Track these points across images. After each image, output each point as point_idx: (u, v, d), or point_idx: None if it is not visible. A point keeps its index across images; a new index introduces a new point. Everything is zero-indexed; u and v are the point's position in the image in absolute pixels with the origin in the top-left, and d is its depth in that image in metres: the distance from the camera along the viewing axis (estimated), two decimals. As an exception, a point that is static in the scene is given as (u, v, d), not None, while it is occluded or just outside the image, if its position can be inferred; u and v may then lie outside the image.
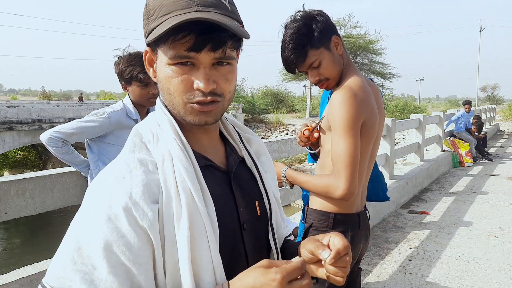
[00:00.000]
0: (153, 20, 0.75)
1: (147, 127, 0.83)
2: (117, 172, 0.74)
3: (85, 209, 0.72)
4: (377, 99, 1.57)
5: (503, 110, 28.73)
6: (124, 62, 2.18)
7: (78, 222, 0.72)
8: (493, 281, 3.45)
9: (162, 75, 0.77)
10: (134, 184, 0.72)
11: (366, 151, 1.51)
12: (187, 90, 0.75)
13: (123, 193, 0.70)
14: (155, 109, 0.86)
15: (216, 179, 0.83)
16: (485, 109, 16.89)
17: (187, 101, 0.76)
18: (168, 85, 0.76)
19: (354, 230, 1.57)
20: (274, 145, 3.49)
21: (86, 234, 0.69)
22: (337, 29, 1.59)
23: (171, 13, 0.72)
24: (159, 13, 0.74)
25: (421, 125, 7.79)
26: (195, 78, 0.74)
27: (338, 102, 1.42)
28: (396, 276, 3.54)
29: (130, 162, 0.75)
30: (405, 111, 22.80)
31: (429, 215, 5.35)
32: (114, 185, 0.72)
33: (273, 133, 21.63)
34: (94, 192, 0.74)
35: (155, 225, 0.71)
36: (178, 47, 0.73)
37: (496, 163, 9.44)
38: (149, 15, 0.76)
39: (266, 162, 0.98)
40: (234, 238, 0.82)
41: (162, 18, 0.73)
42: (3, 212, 1.88)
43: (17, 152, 20.26)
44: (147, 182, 0.73)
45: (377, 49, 26.48)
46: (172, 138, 0.78)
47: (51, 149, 2.15)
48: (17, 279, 1.85)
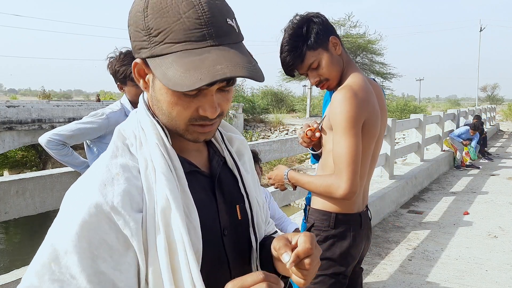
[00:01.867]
0: (159, 43, 0.67)
1: (129, 129, 0.79)
2: (98, 179, 0.70)
3: (63, 215, 0.69)
4: (379, 98, 1.57)
5: (503, 110, 28.74)
6: (117, 62, 2.18)
7: (55, 229, 0.68)
8: (493, 281, 3.45)
9: (161, 98, 0.72)
10: (116, 193, 0.68)
11: (367, 150, 1.51)
12: (190, 115, 0.72)
13: (104, 201, 0.67)
14: (138, 108, 0.82)
15: (201, 184, 0.81)
16: (485, 109, 16.89)
17: (189, 124, 0.73)
18: (170, 110, 0.72)
19: (355, 229, 1.57)
20: (274, 145, 3.49)
21: (65, 241, 0.66)
22: (336, 29, 1.60)
23: (185, 44, 0.65)
24: (166, 38, 0.66)
25: (421, 125, 7.79)
26: (201, 105, 0.71)
27: (338, 102, 1.42)
28: (396, 276, 3.54)
29: (112, 168, 0.72)
30: (405, 111, 22.80)
31: (429, 215, 5.35)
32: (95, 192, 0.68)
33: (273, 133, 21.62)
34: (73, 198, 0.71)
35: (138, 234, 0.68)
36: None
37: (496, 163, 9.44)
38: (150, 34, 0.68)
39: (248, 162, 0.95)
40: (216, 245, 0.80)
41: (171, 47, 0.66)
42: (3, 212, 1.88)
43: (17, 152, 20.25)
44: (130, 190, 0.70)
45: (377, 49, 26.48)
46: (154, 144, 0.75)
47: (50, 151, 2.15)
48: (17, 279, 1.85)
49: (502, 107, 33.38)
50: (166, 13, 0.66)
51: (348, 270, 1.57)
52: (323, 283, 1.53)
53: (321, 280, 1.53)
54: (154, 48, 0.68)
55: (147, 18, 0.68)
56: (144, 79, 0.75)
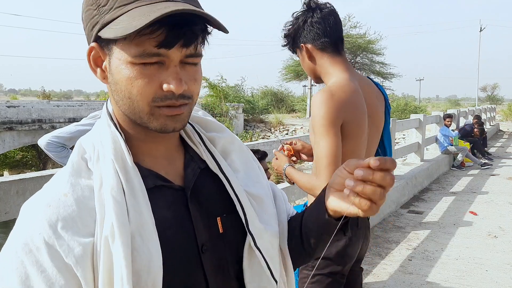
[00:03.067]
0: (108, 10, 0.64)
1: (90, 141, 0.73)
2: (46, 198, 0.65)
3: (9, 237, 0.65)
4: (370, 97, 1.56)
5: (503, 110, 28.74)
6: None
7: (4, 247, 0.64)
8: (493, 281, 3.45)
9: (120, 76, 0.65)
10: (61, 215, 0.63)
11: (355, 150, 1.51)
12: (153, 93, 0.65)
13: (47, 224, 0.62)
14: (101, 117, 0.75)
15: (168, 201, 0.72)
16: (485, 109, 16.89)
17: (153, 105, 0.66)
18: (130, 87, 0.65)
19: (352, 229, 1.57)
20: (274, 145, 3.50)
21: (4, 264, 0.62)
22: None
23: (133, 3, 0.63)
24: (116, 2, 0.63)
25: (421, 125, 7.79)
26: (164, 78, 0.65)
27: (315, 104, 1.45)
28: (396, 276, 3.54)
29: (62, 187, 0.66)
30: (406, 111, 22.81)
31: (429, 215, 5.35)
32: (39, 214, 0.63)
33: (273, 133, 21.62)
34: (21, 217, 0.66)
35: (85, 261, 0.62)
36: (145, 43, 0.62)
37: (496, 163, 9.44)
38: (99, 5, 0.65)
39: (237, 160, 0.84)
40: (189, 266, 0.71)
41: (123, 9, 0.63)
42: (3, 212, 1.88)
43: (17, 152, 20.26)
44: (78, 212, 0.64)
45: (377, 49, 26.49)
46: (109, 160, 0.68)
47: (50, 154, 2.15)
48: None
49: (502, 107, 33.38)
50: None
51: (345, 270, 1.58)
52: (320, 283, 1.53)
53: (318, 280, 1.53)
54: (104, 16, 0.64)
55: None
56: (101, 68, 0.69)
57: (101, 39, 0.66)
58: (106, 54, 0.67)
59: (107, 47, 0.66)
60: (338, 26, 1.55)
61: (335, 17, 1.54)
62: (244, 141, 10.09)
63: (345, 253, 1.55)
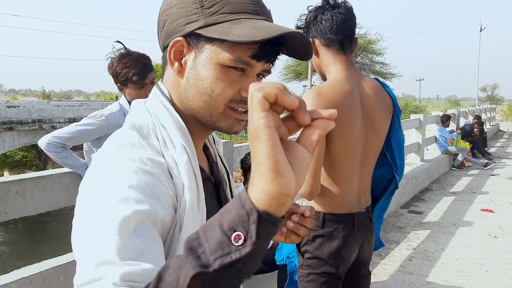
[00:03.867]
0: (213, 13, 0.69)
1: (144, 123, 0.73)
2: (138, 164, 0.63)
3: (96, 192, 0.60)
4: (370, 99, 1.56)
5: (503, 110, 28.75)
6: (118, 64, 2.16)
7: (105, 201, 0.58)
8: (493, 281, 3.45)
9: (206, 74, 0.70)
10: (150, 181, 0.63)
11: (347, 150, 1.50)
12: (232, 95, 0.71)
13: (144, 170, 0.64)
14: (149, 102, 0.77)
15: (208, 193, 0.77)
16: (485, 109, 16.89)
17: (228, 106, 0.71)
18: (215, 86, 0.70)
19: (346, 230, 1.54)
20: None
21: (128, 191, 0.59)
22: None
23: (241, 14, 0.69)
24: (222, 8, 0.69)
25: (421, 125, 7.79)
26: (243, 85, 0.70)
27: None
28: (396, 276, 3.54)
29: (145, 161, 0.65)
30: (406, 111, 22.82)
31: (429, 215, 5.35)
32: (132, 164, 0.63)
33: (273, 133, 21.60)
34: (109, 167, 0.63)
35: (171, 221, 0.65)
36: (241, 51, 0.68)
37: (496, 163, 9.43)
38: (202, 6, 0.69)
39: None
40: None
41: (228, 16, 0.68)
42: (3, 212, 1.88)
43: (17, 152, 20.26)
44: (161, 186, 0.64)
45: (377, 49, 26.49)
46: (180, 146, 0.71)
47: (50, 154, 2.14)
48: (17, 279, 1.85)
49: (502, 107, 33.39)
50: None
51: (340, 271, 1.55)
52: (314, 282, 1.52)
53: (313, 279, 1.52)
54: (208, 18, 0.69)
55: None
56: (180, 62, 0.73)
57: (191, 36, 0.70)
58: (191, 50, 0.71)
59: (196, 45, 0.71)
60: (347, 25, 1.55)
61: (347, 16, 1.54)
62: (244, 141, 10.07)
63: (339, 254, 1.53)
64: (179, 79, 0.74)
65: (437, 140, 8.85)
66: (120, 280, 0.50)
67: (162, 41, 0.76)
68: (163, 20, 0.74)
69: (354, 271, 1.64)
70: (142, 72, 2.15)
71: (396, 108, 1.67)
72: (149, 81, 2.20)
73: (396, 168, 1.71)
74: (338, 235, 1.53)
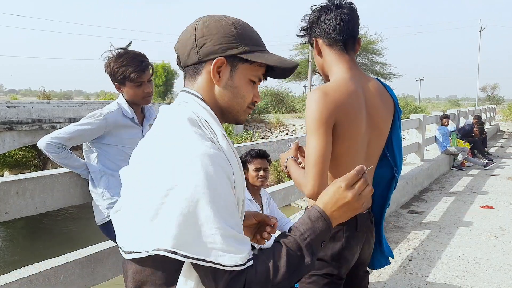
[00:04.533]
0: (247, 45, 1.00)
1: (194, 117, 0.98)
2: (215, 160, 0.88)
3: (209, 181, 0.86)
4: (373, 99, 1.54)
5: (503, 110, 28.73)
6: (115, 63, 2.15)
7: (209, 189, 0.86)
8: (493, 281, 3.45)
9: (241, 85, 1.02)
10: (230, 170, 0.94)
11: (350, 151, 1.49)
12: (251, 99, 1.06)
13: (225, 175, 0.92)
14: (180, 103, 1.02)
15: None
16: (485, 109, 16.88)
17: (247, 105, 1.06)
18: (245, 93, 1.04)
19: (349, 231, 1.54)
20: (274, 145, 3.49)
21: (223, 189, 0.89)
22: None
23: (260, 47, 1.03)
24: (251, 42, 1.01)
25: (421, 125, 7.79)
26: (255, 93, 1.07)
27: (308, 102, 1.45)
28: (396, 276, 3.54)
29: (219, 154, 0.92)
30: (406, 111, 22.81)
31: (429, 215, 5.35)
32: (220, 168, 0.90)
33: (273, 133, 21.61)
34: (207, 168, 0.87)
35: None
36: (259, 71, 1.04)
37: (496, 163, 9.43)
38: (240, 38, 1.00)
39: None
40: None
41: (256, 47, 1.02)
42: (3, 212, 1.88)
43: (17, 152, 20.24)
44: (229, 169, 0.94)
45: (377, 50, 26.51)
46: (221, 135, 0.98)
47: (49, 155, 2.14)
48: (17, 279, 1.85)
49: (502, 107, 33.38)
50: (249, 30, 1.04)
51: (343, 273, 1.55)
52: (316, 283, 1.52)
53: (315, 280, 1.52)
54: (245, 47, 1.00)
55: (237, 29, 1.00)
56: (219, 73, 1.00)
57: (229, 57, 0.99)
58: (228, 67, 1.01)
59: (232, 64, 1.00)
60: (351, 25, 1.53)
61: (351, 16, 1.53)
62: (244, 141, 10.22)
63: (341, 256, 1.53)
64: (213, 85, 1.02)
65: (437, 140, 8.85)
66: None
67: (197, 56, 1.00)
68: (201, 42, 0.99)
69: (354, 272, 1.64)
70: (140, 69, 2.15)
71: (397, 109, 1.66)
72: (146, 79, 2.20)
73: (396, 168, 1.71)
74: (341, 236, 1.53)
